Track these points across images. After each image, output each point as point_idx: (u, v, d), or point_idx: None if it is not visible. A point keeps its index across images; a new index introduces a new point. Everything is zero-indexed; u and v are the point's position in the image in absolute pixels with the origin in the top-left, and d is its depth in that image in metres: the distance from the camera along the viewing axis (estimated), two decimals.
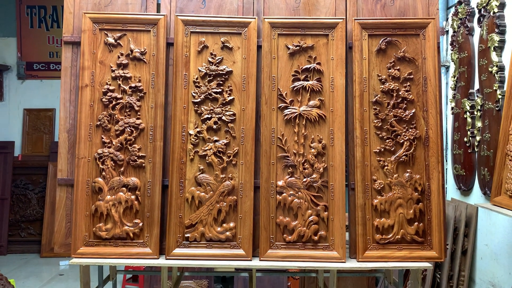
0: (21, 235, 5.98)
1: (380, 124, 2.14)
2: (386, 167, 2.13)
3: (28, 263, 5.49)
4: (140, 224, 2.10)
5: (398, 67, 2.17)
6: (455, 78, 3.27)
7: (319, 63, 2.16)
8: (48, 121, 6.36)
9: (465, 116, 3.09)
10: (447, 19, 3.52)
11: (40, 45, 6.36)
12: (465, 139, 3.10)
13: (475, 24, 3.05)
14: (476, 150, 2.99)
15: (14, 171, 6.00)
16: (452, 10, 3.39)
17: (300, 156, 2.13)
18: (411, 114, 2.15)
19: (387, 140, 2.14)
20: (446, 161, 3.51)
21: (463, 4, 3.15)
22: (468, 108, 3.05)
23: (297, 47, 2.17)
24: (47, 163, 6.00)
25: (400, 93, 2.15)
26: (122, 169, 2.11)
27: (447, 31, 3.49)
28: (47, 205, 5.83)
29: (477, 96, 2.98)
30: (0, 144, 6.09)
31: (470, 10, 3.07)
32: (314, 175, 2.12)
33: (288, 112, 2.15)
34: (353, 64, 2.16)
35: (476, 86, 3.02)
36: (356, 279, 3.00)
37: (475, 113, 2.98)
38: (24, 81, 6.35)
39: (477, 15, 3.00)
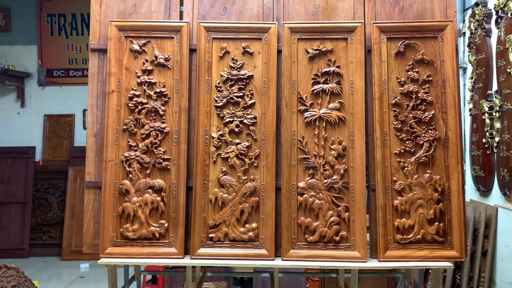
0: (43, 239, 6.11)
1: (400, 125, 2.18)
2: (406, 168, 2.16)
3: (49, 266, 5.61)
4: (166, 225, 2.16)
5: (416, 69, 2.20)
6: (473, 79, 3.28)
7: (338, 66, 2.21)
8: (68, 127, 6.50)
9: (483, 117, 3.10)
10: (463, 21, 3.53)
11: (59, 52, 6.51)
12: (484, 140, 3.10)
13: (492, 25, 3.06)
14: (495, 151, 3.00)
15: (35, 175, 6.15)
16: (469, 12, 3.40)
17: (321, 158, 2.18)
18: (430, 115, 2.18)
19: (407, 142, 2.17)
20: (465, 162, 3.51)
21: (480, 6, 3.17)
22: (486, 109, 3.06)
23: (317, 51, 2.22)
24: (67, 168, 6.14)
25: (419, 95, 2.19)
26: (148, 171, 2.18)
27: (464, 33, 3.51)
28: (68, 209, 5.96)
29: (495, 97, 2.99)
30: (21, 149, 6.25)
31: (488, 12, 3.08)
32: (334, 177, 2.16)
33: (308, 115, 2.20)
34: (372, 67, 2.20)
35: (495, 87, 3.03)
36: (376, 280, 3.02)
37: (494, 114, 2.99)
38: (44, 88, 6.50)
39: (494, 17, 3.02)
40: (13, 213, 6.01)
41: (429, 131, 2.17)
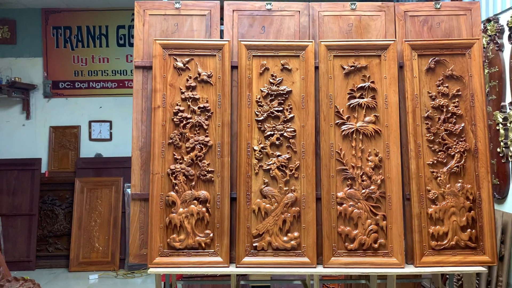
0: (49, 250, 6.11)
1: (432, 137, 2.30)
2: (439, 178, 2.28)
3: (57, 278, 5.61)
4: (211, 235, 2.24)
5: (446, 85, 2.33)
6: (486, 91, 3.44)
7: (373, 82, 2.33)
8: (74, 138, 6.53)
9: (497, 127, 3.25)
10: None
11: (65, 64, 6.56)
12: (498, 150, 3.25)
13: (505, 40, 3.22)
14: (509, 160, 3.15)
15: (41, 187, 6.15)
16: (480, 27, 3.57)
17: (358, 169, 2.29)
18: (461, 128, 2.31)
19: (439, 153, 2.30)
20: None
21: (492, 22, 3.33)
22: (500, 120, 3.21)
23: (352, 67, 2.34)
24: (74, 179, 6.16)
25: (450, 108, 2.32)
26: (193, 183, 2.27)
27: None
28: (75, 220, 5.97)
29: (509, 108, 3.14)
30: (27, 161, 6.25)
31: (500, 28, 3.25)
32: (372, 187, 2.27)
33: (345, 128, 2.31)
34: (404, 82, 2.33)
35: (508, 99, 3.18)
36: (402, 286, 3.13)
37: (508, 124, 3.14)
38: (50, 100, 6.53)
39: (507, 32, 3.18)
40: (19, 225, 6.00)
41: (460, 143, 2.30)
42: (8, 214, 5.96)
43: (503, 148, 3.19)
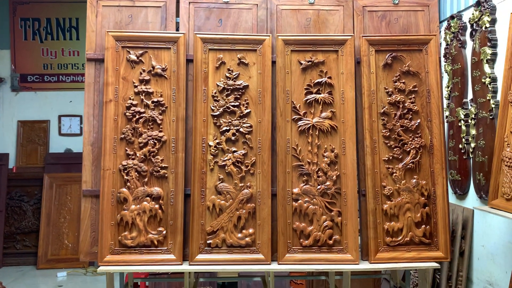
0: (17, 247, 5.97)
1: (388, 133, 2.30)
2: (394, 174, 2.28)
3: (25, 275, 5.49)
4: (164, 232, 2.20)
5: (403, 81, 2.33)
6: (449, 88, 3.46)
7: (330, 77, 2.31)
8: (43, 133, 6.38)
9: (459, 124, 3.28)
10: (439, 32, 3.72)
11: (34, 57, 6.39)
12: (460, 146, 3.28)
13: (467, 37, 3.24)
14: (471, 156, 3.18)
15: (9, 183, 5.99)
16: (445, 24, 3.59)
17: (314, 165, 2.27)
18: (417, 124, 2.31)
19: (395, 149, 2.29)
20: None
21: (455, 19, 3.35)
22: (462, 116, 3.23)
23: (309, 63, 2.31)
24: (42, 175, 6.02)
25: (406, 104, 2.31)
26: (146, 179, 2.22)
27: (440, 44, 3.69)
28: (43, 217, 5.84)
29: (471, 105, 3.17)
30: None
31: (462, 25, 3.26)
32: (327, 183, 2.26)
33: (302, 124, 2.29)
34: (361, 78, 2.31)
35: (470, 96, 3.20)
36: (363, 281, 3.14)
37: (469, 121, 3.16)
38: (18, 93, 6.36)
39: (469, 29, 3.20)
40: None
41: (416, 139, 2.30)
42: None
43: (465, 145, 3.22)
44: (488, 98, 2.91)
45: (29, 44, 6.37)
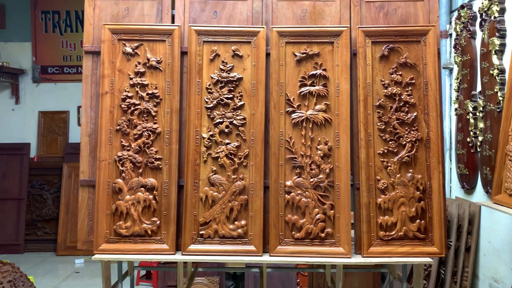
0: (37, 234, 6.17)
1: (384, 126, 2.26)
2: (389, 168, 2.25)
3: (44, 261, 5.68)
4: (158, 222, 2.24)
5: (400, 73, 2.28)
6: (458, 80, 3.37)
7: (325, 69, 2.28)
8: (62, 123, 6.55)
9: (468, 117, 3.19)
10: (450, 22, 3.62)
11: (54, 49, 6.55)
12: (468, 140, 3.20)
13: (477, 28, 3.14)
14: (478, 150, 3.09)
15: (30, 172, 6.20)
16: (455, 13, 3.48)
17: (307, 158, 2.26)
18: (413, 117, 2.26)
19: (390, 142, 2.26)
20: (451, 160, 3.60)
21: (465, 9, 3.25)
22: (470, 109, 3.15)
23: (304, 54, 2.29)
24: (62, 164, 6.19)
25: (402, 97, 2.27)
26: (140, 170, 2.26)
27: (451, 34, 3.59)
28: (62, 205, 6.02)
29: (479, 97, 3.08)
30: (16, 146, 6.29)
31: (472, 15, 3.16)
32: (320, 176, 2.24)
33: (296, 116, 2.27)
34: (357, 70, 2.28)
35: (479, 88, 3.12)
36: (362, 275, 3.12)
37: (478, 114, 3.08)
38: (39, 85, 6.54)
39: (479, 19, 3.10)
40: (8, 209, 6.06)
41: (412, 132, 2.26)
42: None
43: (473, 138, 3.14)
44: (496, 90, 2.83)
45: (49, 36, 6.53)
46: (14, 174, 6.18)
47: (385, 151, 2.26)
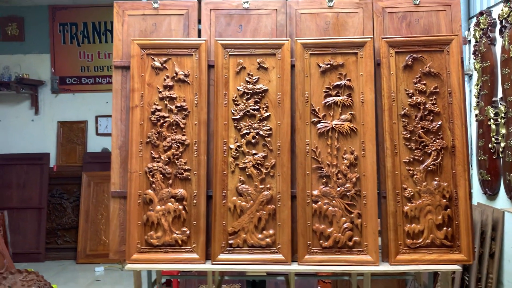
0: (58, 243, 6.27)
1: (409, 135, 2.29)
2: (415, 176, 2.27)
3: (65, 269, 5.76)
4: (188, 232, 2.29)
5: (424, 82, 2.31)
6: (478, 86, 3.38)
7: (349, 80, 2.32)
8: (81, 133, 6.65)
9: (489, 123, 3.20)
10: (468, 29, 3.63)
11: (72, 60, 6.67)
12: (490, 145, 3.20)
13: (497, 34, 3.16)
14: (501, 156, 3.10)
15: (50, 181, 6.31)
16: (474, 20, 3.50)
17: (334, 167, 2.29)
18: (438, 125, 2.29)
19: (415, 151, 2.28)
20: (472, 166, 3.61)
21: (484, 15, 3.27)
22: (492, 115, 3.16)
23: (328, 65, 2.33)
24: (81, 173, 6.29)
25: (427, 106, 2.30)
26: (170, 181, 2.31)
27: (469, 41, 3.61)
28: (82, 214, 6.11)
29: (500, 104, 3.09)
30: (36, 155, 6.41)
31: (492, 21, 3.18)
32: (347, 185, 2.28)
33: (321, 126, 2.31)
34: (381, 79, 2.31)
35: (500, 94, 3.13)
36: (387, 282, 3.13)
37: (499, 120, 3.09)
38: (57, 95, 6.66)
39: (498, 26, 3.12)
40: (29, 218, 6.17)
41: (437, 140, 2.28)
42: (18, 207, 6.14)
43: (494, 144, 3.14)
44: None
45: (67, 47, 6.66)
46: (34, 183, 6.29)
47: (411, 159, 2.28)
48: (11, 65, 6.58)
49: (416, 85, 2.31)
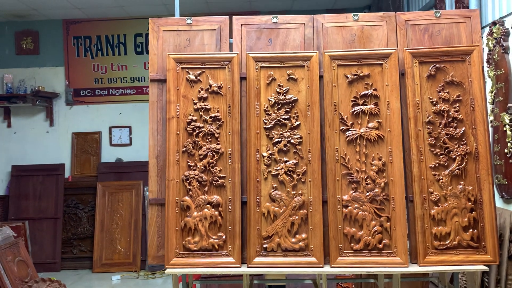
0: (73, 252, 6.36)
1: (434, 142, 2.40)
2: (441, 180, 2.37)
3: (82, 279, 5.84)
4: (224, 237, 2.39)
5: (447, 90, 2.42)
6: (493, 93, 3.49)
7: (375, 89, 2.43)
8: (95, 144, 6.78)
9: (504, 129, 3.31)
10: (481, 38, 3.75)
11: (86, 72, 6.82)
12: (506, 151, 3.30)
13: (510, 43, 3.28)
14: None
15: (65, 191, 6.42)
16: (487, 29, 3.62)
17: (362, 173, 2.40)
18: (461, 132, 2.40)
19: (440, 156, 2.39)
20: None
21: (497, 25, 3.39)
22: (507, 121, 3.26)
23: (355, 76, 2.45)
24: (96, 183, 6.40)
25: (451, 113, 2.41)
26: (206, 188, 2.41)
27: (482, 49, 3.72)
28: (97, 223, 6.21)
29: None
30: (52, 166, 6.53)
31: (505, 31, 3.30)
32: (376, 190, 2.38)
33: (350, 134, 2.42)
34: (406, 89, 2.43)
35: None
36: (411, 284, 3.22)
37: None
38: (72, 107, 6.80)
39: (511, 35, 3.24)
40: (45, 228, 6.27)
41: (461, 146, 2.39)
42: (35, 217, 6.24)
43: (510, 149, 3.25)
44: None
45: (81, 60, 6.81)
46: (50, 194, 6.40)
47: (436, 164, 2.39)
48: (27, 78, 6.73)
49: (440, 93, 2.42)
